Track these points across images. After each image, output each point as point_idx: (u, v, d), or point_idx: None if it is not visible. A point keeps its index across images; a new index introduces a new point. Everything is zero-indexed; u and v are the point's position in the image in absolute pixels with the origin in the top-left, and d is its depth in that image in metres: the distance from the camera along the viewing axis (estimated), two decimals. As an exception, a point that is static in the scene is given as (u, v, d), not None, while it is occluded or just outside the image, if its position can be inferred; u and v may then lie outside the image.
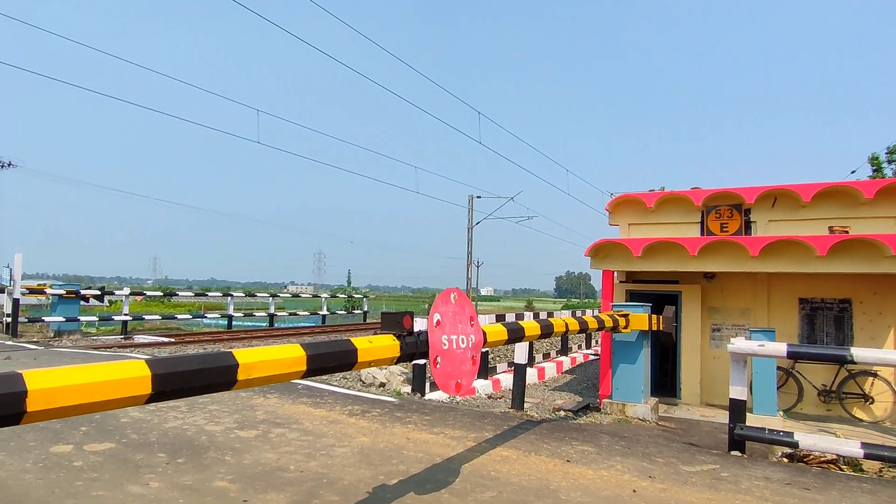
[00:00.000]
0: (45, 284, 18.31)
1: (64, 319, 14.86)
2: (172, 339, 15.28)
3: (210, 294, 24.93)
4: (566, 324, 5.47)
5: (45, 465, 3.86)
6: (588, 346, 17.44)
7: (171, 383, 1.93)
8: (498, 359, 12.86)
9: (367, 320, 26.50)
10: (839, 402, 8.32)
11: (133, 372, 1.84)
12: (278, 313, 22.56)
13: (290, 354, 2.42)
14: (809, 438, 5.28)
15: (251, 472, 3.94)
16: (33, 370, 1.64)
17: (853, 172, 21.83)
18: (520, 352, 8.10)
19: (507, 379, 10.03)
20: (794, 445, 5.25)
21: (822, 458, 5.47)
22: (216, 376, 2.07)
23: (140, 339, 15.62)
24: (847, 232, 7.90)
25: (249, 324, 24.89)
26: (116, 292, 18.55)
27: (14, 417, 1.58)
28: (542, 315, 13.45)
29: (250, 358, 2.22)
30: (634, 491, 3.92)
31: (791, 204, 8.96)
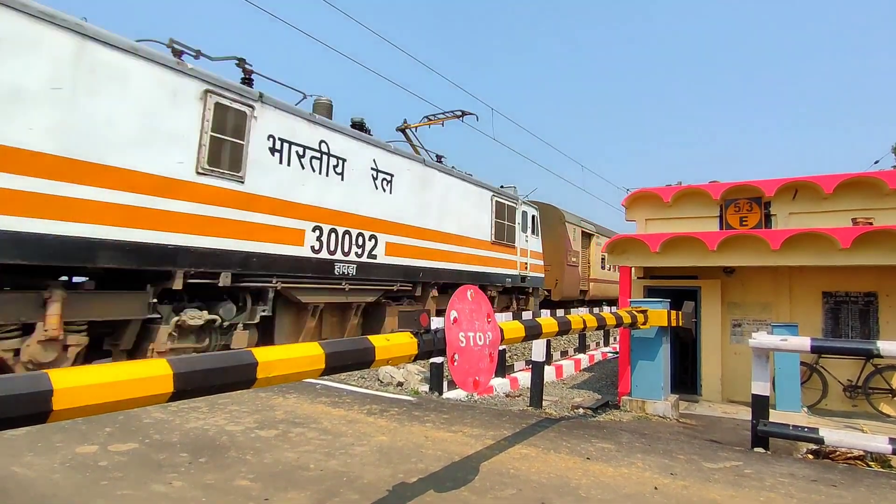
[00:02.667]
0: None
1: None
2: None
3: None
4: (584, 320, 5.43)
5: (72, 465, 3.93)
6: (606, 344, 17.29)
7: (193, 382, 1.95)
8: (515, 357, 12.80)
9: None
10: (865, 398, 8.15)
11: (155, 371, 1.86)
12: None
13: (309, 353, 2.43)
14: (835, 434, 5.18)
15: (272, 470, 3.97)
16: (58, 369, 1.67)
17: (876, 163, 21.40)
18: (537, 350, 8.06)
19: (524, 377, 9.98)
20: (820, 441, 5.16)
21: (848, 455, 5.37)
22: (236, 374, 2.09)
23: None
24: (871, 223, 7.73)
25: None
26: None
27: (41, 416, 1.61)
28: (559, 312, 13.39)
29: (269, 356, 2.24)
30: (656, 488, 3.88)
31: (812, 196, 8.80)
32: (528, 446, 4.85)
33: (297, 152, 9.26)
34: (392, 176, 11.48)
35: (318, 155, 9.66)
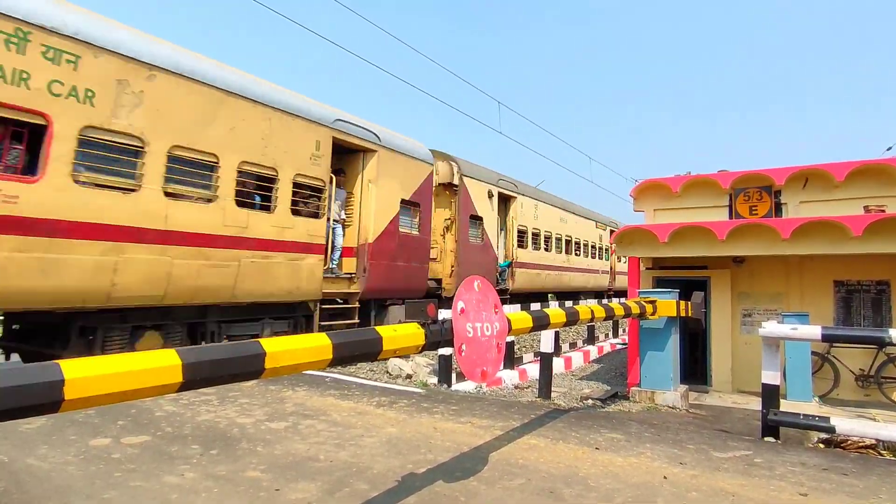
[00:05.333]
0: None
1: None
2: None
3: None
4: (592, 311, 5.42)
5: (86, 457, 3.99)
6: (615, 335, 17.27)
7: (201, 372, 1.97)
8: (524, 349, 12.82)
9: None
10: (878, 387, 8.08)
11: (164, 361, 1.88)
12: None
13: (317, 343, 2.45)
14: (847, 423, 5.15)
15: (282, 462, 4.01)
16: (70, 360, 1.69)
17: (889, 149, 21.08)
18: (546, 341, 8.06)
19: (533, 369, 10.00)
20: (831, 430, 5.12)
21: (860, 444, 5.34)
22: (244, 364, 2.11)
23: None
24: (883, 211, 7.63)
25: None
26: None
27: (53, 405, 1.63)
28: (568, 304, 13.33)
29: (277, 347, 2.25)
30: (665, 477, 3.88)
31: (823, 184, 8.70)
32: (536, 437, 4.86)
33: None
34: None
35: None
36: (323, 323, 9.89)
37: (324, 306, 9.97)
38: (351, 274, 10.61)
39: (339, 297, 10.42)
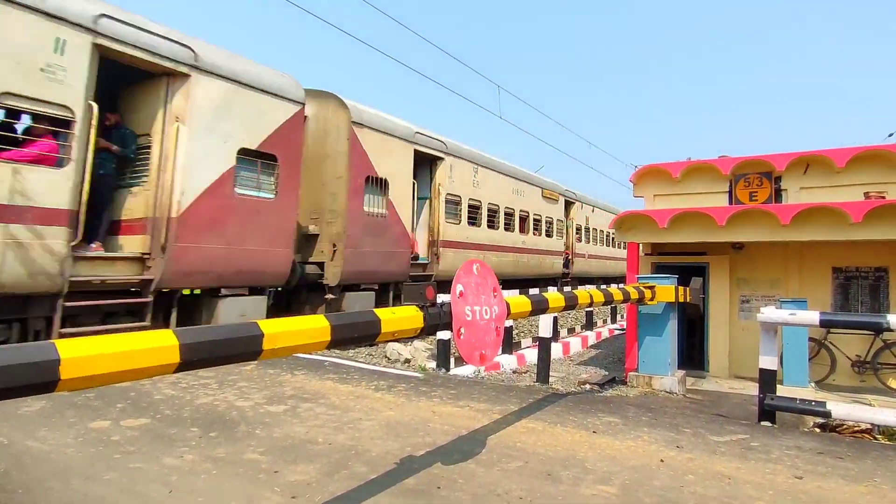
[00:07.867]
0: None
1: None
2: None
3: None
4: (591, 295, 5.42)
5: (85, 439, 4.00)
6: (613, 321, 17.32)
7: (199, 353, 1.96)
8: (522, 334, 12.87)
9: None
10: (874, 373, 8.12)
11: (162, 341, 1.87)
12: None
13: (315, 325, 2.44)
14: (842, 408, 5.18)
15: (281, 444, 4.02)
16: (65, 339, 1.68)
17: (891, 135, 21.00)
18: (544, 326, 8.07)
19: (531, 354, 10.03)
20: (827, 415, 5.16)
21: (855, 428, 5.39)
22: (242, 345, 2.10)
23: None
24: (884, 197, 7.62)
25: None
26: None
27: (49, 385, 1.62)
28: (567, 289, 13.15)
29: (276, 328, 2.24)
30: (662, 461, 3.90)
31: (824, 170, 8.67)
32: (534, 420, 4.88)
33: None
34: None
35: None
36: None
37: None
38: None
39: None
